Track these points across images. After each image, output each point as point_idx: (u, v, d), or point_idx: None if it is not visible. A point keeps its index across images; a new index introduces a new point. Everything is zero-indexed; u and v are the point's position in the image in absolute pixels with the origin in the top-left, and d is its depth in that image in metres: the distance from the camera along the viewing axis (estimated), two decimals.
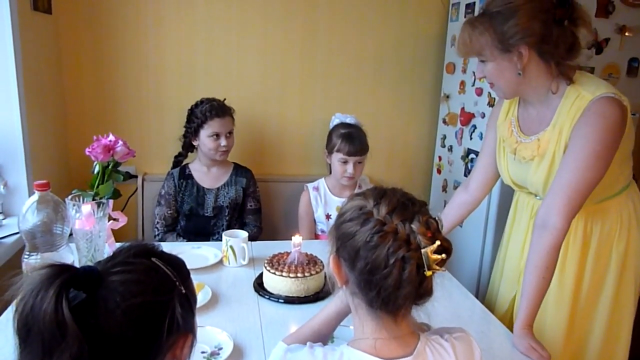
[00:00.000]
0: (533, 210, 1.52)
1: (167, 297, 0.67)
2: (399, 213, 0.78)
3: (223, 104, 2.12)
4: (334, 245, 0.84)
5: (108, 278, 0.64)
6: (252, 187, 2.23)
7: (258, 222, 2.24)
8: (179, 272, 0.72)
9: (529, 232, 1.52)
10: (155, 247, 0.73)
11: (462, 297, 1.55)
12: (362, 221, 0.79)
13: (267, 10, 2.37)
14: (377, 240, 0.76)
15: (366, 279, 0.78)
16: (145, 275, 0.67)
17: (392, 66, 2.55)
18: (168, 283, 0.69)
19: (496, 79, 1.38)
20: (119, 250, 0.71)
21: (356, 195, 0.86)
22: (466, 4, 2.26)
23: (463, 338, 0.85)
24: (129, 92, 2.35)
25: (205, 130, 2.06)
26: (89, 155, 1.32)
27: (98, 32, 2.25)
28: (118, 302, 0.62)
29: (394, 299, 0.77)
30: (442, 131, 2.51)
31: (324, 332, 1.02)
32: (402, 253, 0.75)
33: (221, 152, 2.09)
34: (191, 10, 2.31)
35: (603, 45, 2.00)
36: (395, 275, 0.75)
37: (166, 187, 2.14)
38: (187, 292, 0.71)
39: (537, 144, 1.39)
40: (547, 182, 1.38)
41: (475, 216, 2.17)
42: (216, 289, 1.48)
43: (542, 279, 1.28)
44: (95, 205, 1.31)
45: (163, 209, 2.11)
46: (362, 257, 0.77)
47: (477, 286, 2.17)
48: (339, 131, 2.08)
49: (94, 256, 1.37)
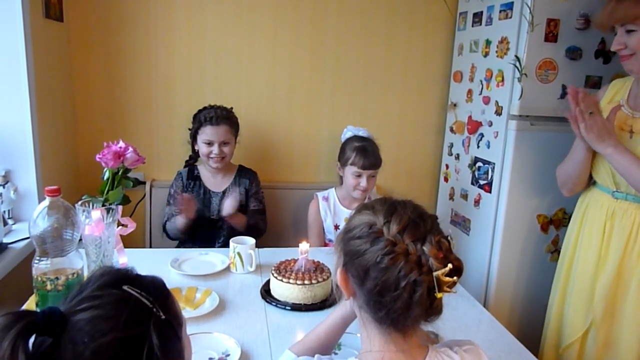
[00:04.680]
0: (609, 212, 1.49)
1: (142, 329, 0.61)
2: (410, 232, 0.76)
3: (223, 112, 2.11)
4: (341, 257, 0.82)
5: (73, 317, 0.59)
6: (255, 188, 2.22)
7: (263, 219, 2.23)
8: (157, 296, 0.66)
9: (606, 236, 1.49)
10: (127, 272, 0.68)
11: (470, 305, 1.54)
12: (372, 240, 0.76)
13: (277, 19, 2.39)
14: (387, 262, 0.74)
15: (375, 299, 0.76)
16: (114, 308, 0.61)
17: (400, 75, 2.56)
18: (142, 312, 0.63)
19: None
20: (87, 282, 0.65)
21: (364, 207, 0.84)
22: (474, 13, 2.27)
23: (473, 350, 0.84)
24: (138, 99, 2.37)
25: (200, 135, 2.08)
26: (99, 161, 1.34)
27: (108, 39, 2.28)
28: (86, 343, 0.57)
29: (403, 319, 0.76)
30: (449, 139, 2.51)
31: (330, 339, 1.02)
32: (413, 277, 0.73)
33: (213, 160, 2.09)
34: (201, 17, 2.33)
35: (610, 54, 1.99)
36: (405, 298, 0.73)
37: (175, 186, 2.15)
38: (168, 316, 0.65)
39: None
40: None
41: (482, 223, 2.17)
42: (223, 295, 1.48)
43: None
44: (104, 211, 1.32)
45: (172, 209, 2.11)
46: (371, 277, 0.75)
47: (485, 295, 2.16)
48: (352, 144, 2.07)
49: (102, 262, 1.37)
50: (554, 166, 2.02)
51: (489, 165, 2.11)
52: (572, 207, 2.08)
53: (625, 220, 1.45)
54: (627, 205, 1.45)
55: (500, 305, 2.14)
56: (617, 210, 1.48)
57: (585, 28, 1.95)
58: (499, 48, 2.06)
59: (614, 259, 1.48)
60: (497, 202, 2.07)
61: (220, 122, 2.07)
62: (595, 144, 1.43)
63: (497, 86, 2.07)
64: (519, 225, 2.07)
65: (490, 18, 2.14)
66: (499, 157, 2.05)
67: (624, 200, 1.46)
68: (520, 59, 1.93)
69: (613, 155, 1.40)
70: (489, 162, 2.12)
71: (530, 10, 1.88)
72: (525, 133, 1.99)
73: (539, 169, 2.03)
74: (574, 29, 1.94)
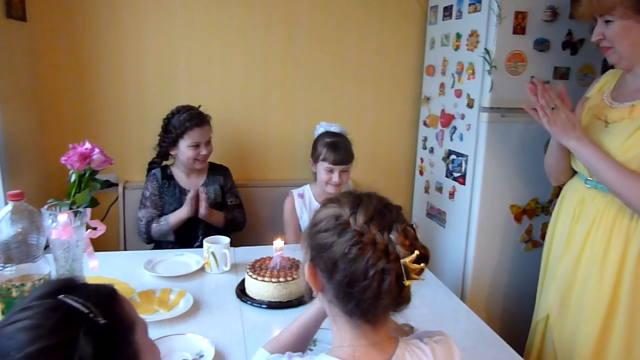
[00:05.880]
0: (579, 199, 1.53)
1: (70, 336, 0.60)
2: (377, 222, 0.76)
3: (199, 112, 2.09)
4: (307, 253, 0.82)
5: (3, 330, 0.59)
6: (230, 183, 2.21)
7: (241, 213, 2.22)
8: (98, 301, 0.64)
9: (574, 222, 1.53)
10: (69, 282, 0.67)
11: (446, 297, 1.55)
12: (339, 232, 0.76)
13: (248, 16, 2.36)
14: (355, 252, 0.74)
15: (345, 290, 0.76)
16: (42, 317, 0.60)
17: (373, 70, 2.56)
18: (73, 319, 0.61)
19: (619, 40, 1.38)
20: (27, 296, 0.66)
21: (329, 201, 0.83)
22: (444, 7, 2.29)
23: (443, 341, 0.85)
24: (109, 100, 2.32)
25: (185, 140, 2.03)
26: (64, 163, 1.30)
27: (75, 39, 2.23)
28: (12, 355, 0.57)
29: (373, 309, 0.76)
30: (423, 133, 2.53)
31: (304, 336, 1.01)
32: (381, 265, 0.73)
33: (200, 161, 2.08)
34: (171, 16, 2.29)
35: (578, 46, 2.03)
36: (374, 287, 0.73)
37: (150, 187, 2.10)
38: (111, 320, 0.64)
39: (630, 109, 1.39)
40: (624, 144, 1.37)
41: (457, 215, 2.19)
42: (198, 295, 1.47)
43: (612, 166, 1.34)
44: (72, 215, 1.29)
45: (149, 211, 2.07)
46: (340, 269, 0.75)
47: (462, 286, 2.18)
48: (324, 140, 2.08)
49: (72, 266, 1.34)
50: (525, 157, 2.06)
51: (462, 158, 2.13)
52: (545, 197, 2.13)
53: (591, 207, 1.48)
54: (595, 193, 1.47)
55: (476, 296, 2.16)
56: (586, 197, 1.51)
57: (553, 20, 1.97)
58: (469, 41, 2.08)
59: (577, 245, 1.51)
60: (471, 193, 2.09)
61: (203, 122, 2.06)
62: (560, 137, 1.45)
63: (468, 79, 2.09)
64: (493, 216, 2.10)
65: (460, 12, 2.15)
66: (472, 149, 2.07)
67: (594, 188, 1.48)
68: (490, 52, 1.95)
69: (576, 148, 1.42)
70: (462, 154, 2.14)
71: (498, 3, 1.89)
72: (496, 125, 2.01)
73: (511, 160, 2.06)
74: (542, 21, 1.96)
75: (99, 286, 0.69)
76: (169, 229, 2.01)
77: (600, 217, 1.45)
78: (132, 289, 1.48)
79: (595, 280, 1.43)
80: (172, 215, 2.02)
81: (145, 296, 1.41)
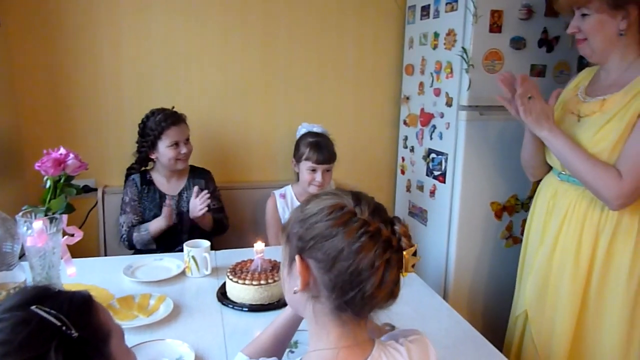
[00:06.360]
0: (553, 192, 1.56)
1: (41, 351, 0.58)
2: (379, 215, 0.78)
3: (174, 112, 2.07)
4: (294, 246, 0.79)
5: None
6: (212, 187, 2.19)
7: (225, 216, 2.21)
8: (71, 313, 0.63)
9: (547, 215, 1.56)
10: (43, 291, 0.65)
11: (427, 295, 1.56)
12: (345, 221, 0.75)
13: (226, 16, 2.35)
14: (365, 240, 0.74)
15: (347, 280, 0.74)
16: (11, 332, 0.59)
17: (353, 70, 2.56)
18: (44, 333, 0.60)
19: (593, 34, 1.41)
20: None
21: (319, 195, 0.82)
22: (422, 6, 2.30)
23: (418, 340, 0.84)
24: (87, 103, 2.29)
25: (163, 141, 2.02)
26: (39, 169, 1.28)
27: (51, 43, 2.19)
28: None
29: (370, 302, 0.76)
30: (404, 132, 2.54)
31: (282, 338, 1.01)
32: (388, 255, 0.74)
33: (182, 160, 2.06)
34: (148, 17, 2.27)
35: (554, 43, 2.06)
36: (378, 277, 0.74)
37: (130, 193, 2.08)
38: (85, 332, 0.62)
39: (602, 103, 1.42)
40: (595, 136, 1.40)
41: (438, 214, 2.21)
42: (179, 300, 1.45)
43: (582, 156, 1.37)
44: (47, 221, 1.27)
45: (129, 217, 2.05)
46: (344, 257, 0.73)
47: (444, 283, 2.19)
48: (306, 140, 2.08)
49: (48, 274, 1.32)
50: (504, 154, 2.08)
51: (442, 156, 2.15)
52: (524, 193, 2.16)
53: (563, 200, 1.51)
54: (568, 186, 1.51)
55: (459, 293, 2.17)
56: (559, 190, 1.54)
57: (528, 18, 2.00)
58: (446, 40, 2.09)
59: (551, 238, 1.54)
60: (452, 191, 2.11)
61: (180, 120, 2.06)
62: (533, 127, 1.48)
63: (447, 78, 2.10)
64: (473, 214, 2.11)
65: (438, 11, 2.16)
66: (451, 147, 2.08)
67: (567, 181, 1.51)
68: (467, 51, 1.97)
69: (548, 138, 1.45)
70: (442, 153, 2.15)
71: (474, 2, 1.91)
72: (475, 123, 2.03)
73: (490, 157, 2.08)
74: (517, 19, 1.99)
75: (73, 294, 0.67)
76: (149, 238, 2.00)
77: (573, 209, 1.48)
78: (111, 295, 1.46)
79: (569, 272, 1.47)
80: (152, 225, 2.01)
81: (124, 302, 1.40)
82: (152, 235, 2.00)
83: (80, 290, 0.69)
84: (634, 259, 1.39)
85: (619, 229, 1.40)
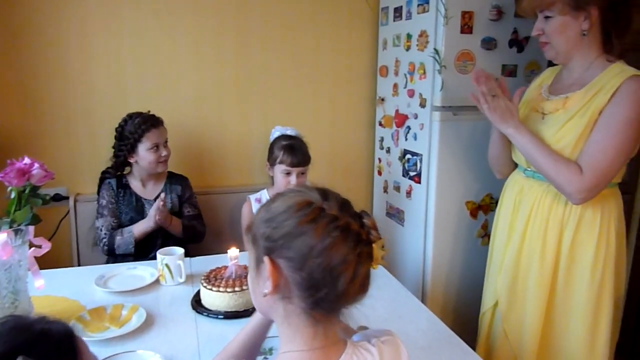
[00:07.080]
0: (519, 188, 1.59)
1: None
2: (347, 209, 0.77)
3: (152, 115, 2.05)
4: (260, 248, 0.77)
5: None
6: (188, 193, 2.17)
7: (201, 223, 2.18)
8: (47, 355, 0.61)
9: (514, 211, 1.60)
10: (29, 331, 0.63)
11: (405, 297, 1.56)
12: (314, 217, 0.74)
13: (199, 19, 2.33)
14: (336, 235, 0.73)
15: (319, 277, 0.73)
16: None
17: (328, 72, 2.56)
18: None
19: (556, 36, 1.44)
20: None
21: (288, 192, 0.81)
22: (394, 8, 2.31)
23: (390, 341, 0.84)
24: (56, 110, 2.23)
25: (143, 143, 1.99)
26: (2, 180, 1.24)
27: (17, 48, 2.14)
28: None
29: (343, 296, 0.75)
30: (380, 133, 2.54)
31: (252, 344, 0.99)
32: (360, 248, 0.74)
33: (162, 163, 2.05)
34: (118, 21, 2.23)
35: (524, 43, 2.08)
36: (350, 272, 0.73)
37: (107, 196, 2.04)
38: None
39: (564, 101, 1.45)
40: (557, 133, 1.43)
41: (415, 214, 2.21)
42: (152, 309, 1.43)
43: (545, 152, 1.41)
44: (12, 233, 1.24)
45: (108, 220, 2.01)
46: (316, 254, 0.72)
47: (422, 283, 2.20)
48: (280, 143, 2.07)
49: (15, 287, 1.28)
50: (478, 154, 2.09)
51: (417, 157, 2.16)
52: (499, 192, 2.17)
53: (529, 196, 1.55)
54: (533, 182, 1.54)
55: (436, 292, 2.18)
56: (525, 186, 1.57)
57: (498, 19, 2.02)
58: (419, 41, 2.10)
59: (518, 234, 1.57)
60: (427, 192, 2.12)
61: (159, 123, 2.04)
62: (499, 125, 1.52)
63: (420, 79, 2.11)
64: (449, 213, 2.13)
65: (410, 12, 2.17)
66: (426, 148, 2.09)
67: (532, 178, 1.55)
68: (439, 52, 1.98)
69: (514, 135, 1.48)
70: (417, 153, 2.16)
71: (444, 3, 1.92)
72: (448, 123, 2.04)
73: (465, 157, 2.09)
74: (488, 20, 2.01)
75: (60, 338, 0.64)
76: (133, 241, 1.97)
77: (538, 205, 1.52)
78: (82, 307, 1.43)
79: (537, 264, 1.51)
80: (136, 227, 1.98)
81: (95, 313, 1.37)
82: (136, 238, 1.97)
83: (61, 327, 0.65)
84: (597, 251, 1.44)
85: (582, 222, 1.45)
